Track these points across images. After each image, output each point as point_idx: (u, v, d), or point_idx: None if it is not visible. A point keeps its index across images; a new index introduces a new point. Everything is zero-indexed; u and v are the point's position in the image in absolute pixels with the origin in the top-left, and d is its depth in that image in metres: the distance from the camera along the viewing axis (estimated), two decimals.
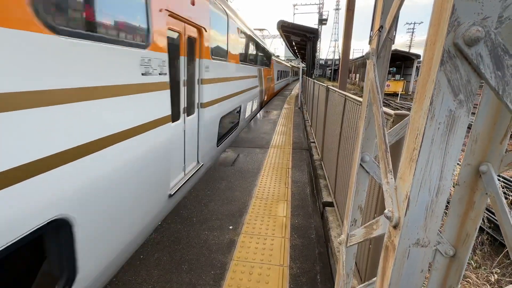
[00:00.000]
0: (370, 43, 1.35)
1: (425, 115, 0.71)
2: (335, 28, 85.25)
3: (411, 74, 33.08)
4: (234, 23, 6.78)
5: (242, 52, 8.06)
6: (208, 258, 2.77)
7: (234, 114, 7.26)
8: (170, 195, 3.54)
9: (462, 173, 0.99)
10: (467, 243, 1.01)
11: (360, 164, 1.40)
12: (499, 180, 6.41)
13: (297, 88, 29.12)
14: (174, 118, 3.48)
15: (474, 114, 0.98)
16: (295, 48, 26.32)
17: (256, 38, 10.44)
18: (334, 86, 5.15)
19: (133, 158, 2.60)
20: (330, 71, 65.25)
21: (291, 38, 18.84)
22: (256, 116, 11.42)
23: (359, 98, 2.58)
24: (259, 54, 11.65)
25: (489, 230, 5.14)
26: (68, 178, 1.88)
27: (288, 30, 15.88)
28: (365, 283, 1.24)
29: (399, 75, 34.97)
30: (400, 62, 35.81)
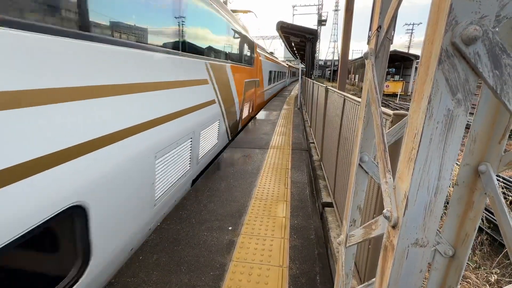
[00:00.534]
0: (368, 43, 1.35)
1: (423, 115, 0.71)
2: (334, 29, 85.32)
3: (410, 75, 33.14)
4: None
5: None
6: (207, 259, 2.76)
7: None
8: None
9: (461, 173, 0.99)
10: (467, 243, 1.01)
11: (359, 164, 1.40)
12: (498, 180, 6.42)
13: (296, 89, 29.14)
14: None
15: (472, 114, 0.98)
16: (295, 49, 26.35)
17: (221, 11, 6.05)
18: (333, 87, 5.15)
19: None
20: (329, 72, 65.32)
21: (291, 39, 18.86)
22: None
23: (358, 99, 2.58)
24: (230, 43, 7.00)
25: (488, 230, 5.14)
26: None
27: (287, 31, 15.90)
28: (364, 284, 1.23)
29: (398, 76, 35.09)
30: (399, 63, 35.90)
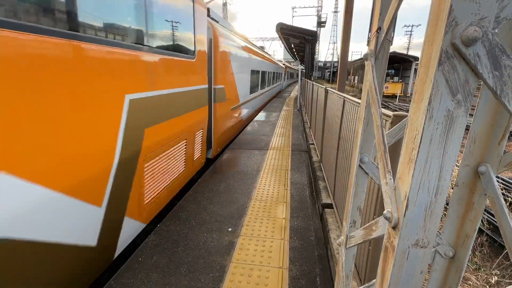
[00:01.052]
0: (368, 45, 1.35)
1: (423, 115, 0.71)
2: (334, 30, 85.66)
3: (410, 76, 33.23)
4: None
5: None
6: (207, 260, 2.76)
7: None
8: None
9: (461, 174, 0.99)
10: (467, 244, 1.01)
11: (359, 165, 1.40)
12: (498, 181, 6.42)
13: (296, 90, 29.17)
14: None
15: (472, 115, 0.98)
16: (294, 50, 26.41)
17: None
18: (332, 88, 5.16)
19: None
20: (329, 73, 65.47)
21: (290, 41, 18.91)
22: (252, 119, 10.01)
23: (358, 100, 2.58)
24: None
25: (488, 232, 5.14)
26: None
27: (287, 33, 15.94)
28: (364, 285, 1.23)
29: (398, 77, 35.17)
30: (398, 64, 35.99)
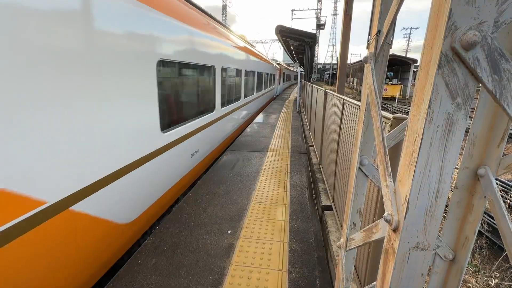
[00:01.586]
0: (368, 47, 1.36)
1: (423, 118, 0.71)
2: (333, 33, 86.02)
3: (408, 79, 33.38)
4: None
5: None
6: (206, 262, 2.75)
7: None
8: None
9: (460, 176, 0.99)
10: (467, 247, 1.01)
11: (359, 167, 1.40)
12: (497, 183, 6.43)
13: (295, 92, 29.21)
14: None
15: (471, 118, 0.98)
16: (293, 52, 26.50)
17: None
18: (332, 90, 5.17)
19: None
20: (328, 76, 65.65)
21: (289, 43, 18.97)
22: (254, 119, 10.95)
23: (357, 102, 2.59)
24: None
25: (487, 234, 5.14)
26: None
27: (286, 35, 16.00)
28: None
29: (397, 80, 35.31)
30: (397, 67, 36.14)
